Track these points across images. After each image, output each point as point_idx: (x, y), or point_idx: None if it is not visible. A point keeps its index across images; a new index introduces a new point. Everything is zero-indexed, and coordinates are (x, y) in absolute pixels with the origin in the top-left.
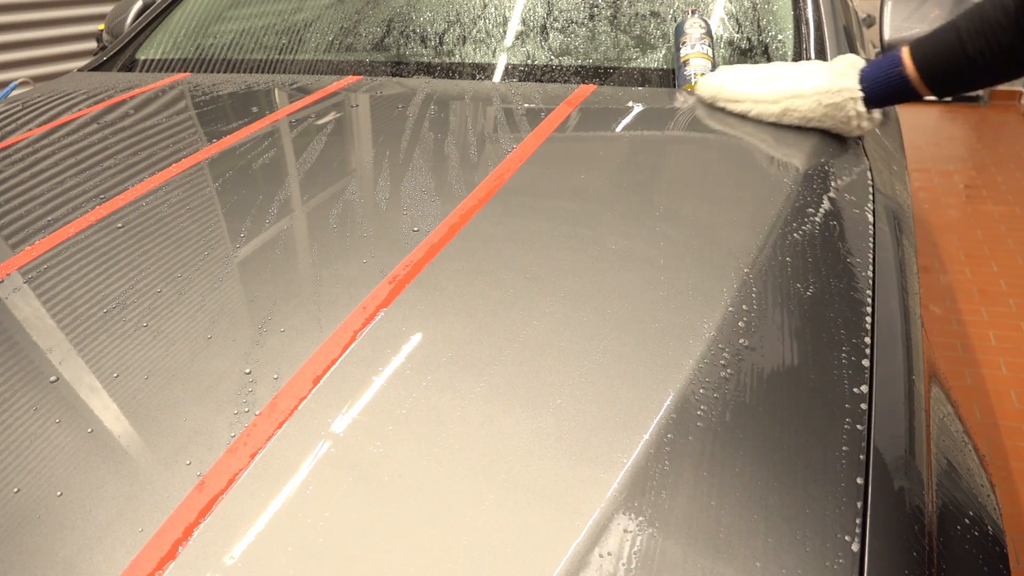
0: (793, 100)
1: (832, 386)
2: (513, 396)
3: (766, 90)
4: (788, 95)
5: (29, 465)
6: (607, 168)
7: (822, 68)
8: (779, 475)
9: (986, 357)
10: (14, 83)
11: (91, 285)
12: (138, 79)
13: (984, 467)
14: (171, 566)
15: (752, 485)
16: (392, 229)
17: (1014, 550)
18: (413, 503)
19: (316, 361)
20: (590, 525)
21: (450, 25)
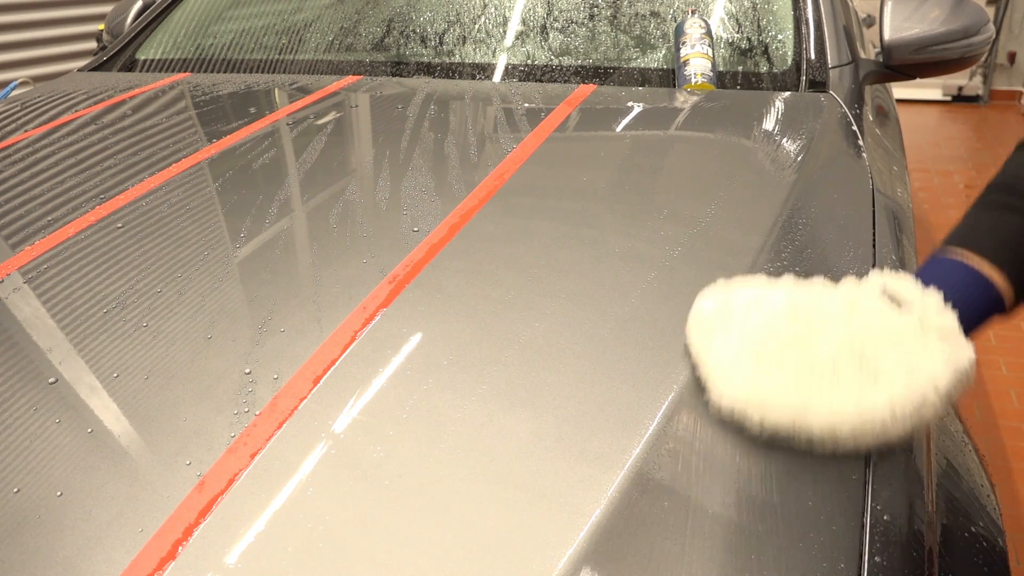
0: None
1: None
2: (513, 396)
3: None
4: None
5: (29, 465)
6: (607, 168)
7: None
8: (779, 475)
9: (986, 357)
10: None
11: (91, 285)
12: (138, 79)
13: (984, 467)
14: (171, 566)
15: (752, 485)
16: (392, 229)
17: (1014, 550)
18: (413, 503)
19: (316, 361)
20: (590, 525)
21: (450, 25)
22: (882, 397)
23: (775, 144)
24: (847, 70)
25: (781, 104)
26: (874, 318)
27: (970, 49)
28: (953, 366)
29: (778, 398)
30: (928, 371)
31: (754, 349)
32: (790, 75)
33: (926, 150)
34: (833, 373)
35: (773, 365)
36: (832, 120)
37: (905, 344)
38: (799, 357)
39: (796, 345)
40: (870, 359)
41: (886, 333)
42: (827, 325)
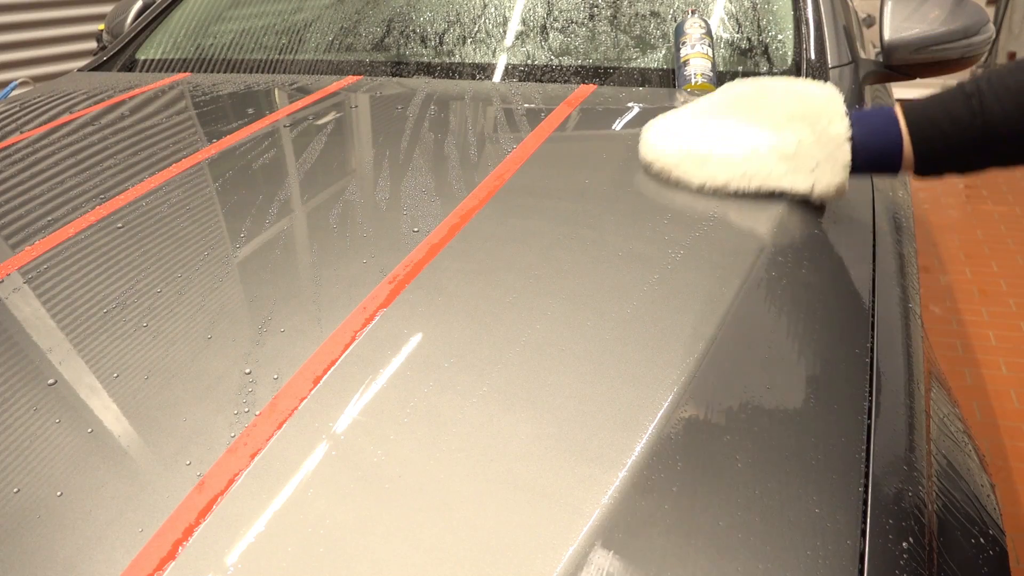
0: (754, 163)
1: (832, 386)
2: (513, 396)
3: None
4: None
5: (29, 465)
6: (607, 168)
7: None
8: (779, 475)
9: (986, 357)
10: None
11: (91, 285)
12: (138, 79)
13: (984, 467)
14: (171, 566)
15: (752, 485)
16: (392, 229)
17: (1014, 550)
18: (413, 503)
19: (316, 361)
20: (590, 525)
21: (450, 25)
22: (752, 165)
23: None
24: (847, 70)
25: None
26: (786, 106)
27: (970, 49)
28: (823, 169)
29: (687, 155)
30: (799, 163)
31: (681, 125)
32: (790, 75)
33: None
34: (731, 139)
35: (692, 134)
36: None
37: (798, 132)
38: (714, 128)
39: (715, 121)
40: (761, 135)
41: (789, 119)
42: (744, 105)
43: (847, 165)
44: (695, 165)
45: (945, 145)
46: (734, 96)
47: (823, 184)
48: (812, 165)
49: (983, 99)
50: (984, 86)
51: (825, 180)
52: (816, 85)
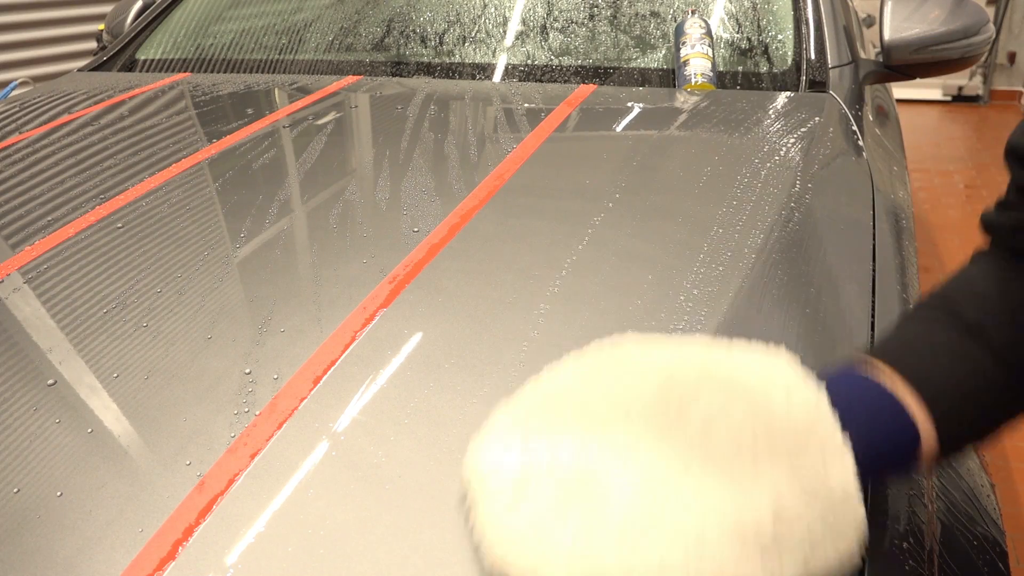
0: None
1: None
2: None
3: None
4: None
5: (29, 465)
6: (607, 168)
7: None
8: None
9: None
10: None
11: (91, 285)
12: (138, 79)
13: (984, 467)
14: (171, 566)
15: None
16: (392, 229)
17: (1014, 550)
18: (413, 503)
19: (316, 361)
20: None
21: (450, 25)
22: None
23: (775, 144)
24: (847, 70)
25: (781, 104)
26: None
27: (970, 49)
28: None
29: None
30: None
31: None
32: (790, 75)
33: (926, 150)
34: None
35: (547, 503)
36: (832, 120)
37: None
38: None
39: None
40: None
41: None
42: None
43: (862, 537)
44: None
45: (978, 411)
46: (645, 391)
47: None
48: (808, 538)
49: (1000, 331)
50: (981, 314)
51: (830, 566)
52: (796, 388)
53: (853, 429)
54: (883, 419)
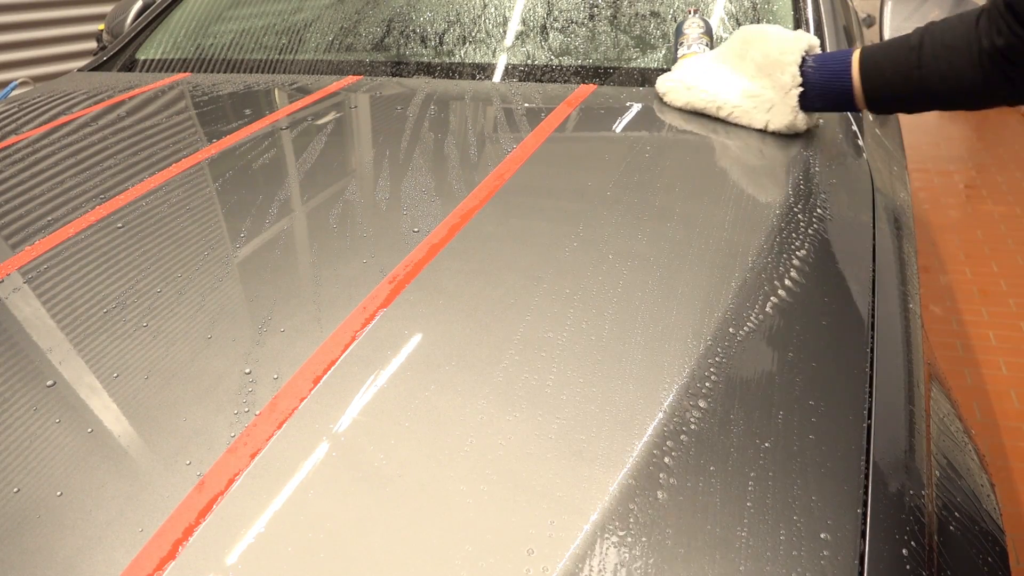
0: (724, 97)
1: (832, 386)
2: (513, 396)
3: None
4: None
5: (29, 465)
6: (607, 168)
7: (755, 61)
8: (779, 475)
9: (986, 357)
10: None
11: (91, 285)
12: (138, 79)
13: (984, 467)
14: (171, 566)
15: (752, 485)
16: (392, 229)
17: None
18: (413, 503)
19: (316, 361)
20: (590, 525)
21: (450, 25)
22: (723, 99)
23: (775, 144)
24: None
25: None
26: (757, 59)
27: None
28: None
29: (678, 84)
30: (759, 104)
31: (688, 67)
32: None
33: (926, 150)
34: (714, 79)
35: (689, 73)
36: (832, 120)
37: (761, 80)
38: (707, 70)
39: (713, 65)
40: (737, 80)
41: (758, 69)
42: (737, 53)
43: (795, 108)
44: (682, 92)
45: (890, 90)
46: (736, 43)
47: (775, 123)
48: (768, 107)
49: (922, 53)
50: (926, 40)
51: (777, 120)
52: (785, 39)
53: (819, 70)
54: (833, 68)
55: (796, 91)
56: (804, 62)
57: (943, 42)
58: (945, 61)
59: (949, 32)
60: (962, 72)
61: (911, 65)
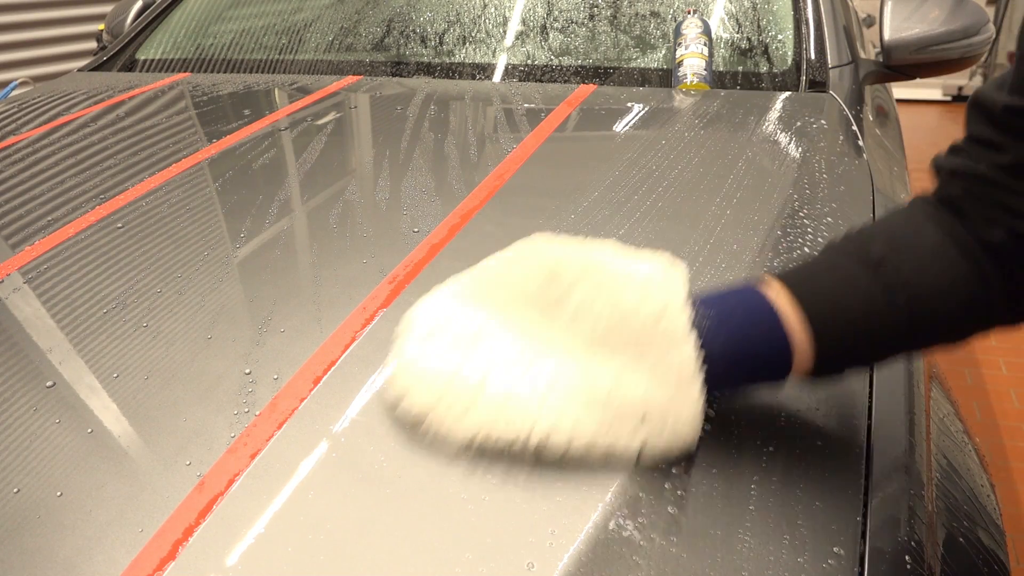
0: None
1: (832, 386)
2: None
3: None
4: None
5: (29, 465)
6: (607, 168)
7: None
8: (779, 476)
9: (986, 357)
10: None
11: (91, 285)
12: (138, 79)
13: (984, 467)
14: (171, 566)
15: (751, 486)
16: (392, 229)
17: (1014, 550)
18: (413, 504)
19: (316, 361)
20: (590, 525)
21: (450, 25)
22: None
23: (775, 144)
24: (847, 70)
25: (781, 104)
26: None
27: (970, 49)
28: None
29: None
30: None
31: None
32: (790, 75)
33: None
34: (513, 366)
35: (453, 351)
36: (832, 120)
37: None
38: (487, 342)
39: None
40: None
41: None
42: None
43: (697, 413)
44: (457, 403)
45: (857, 336)
46: (533, 275)
47: (657, 444)
48: (639, 413)
49: (898, 269)
50: (888, 249)
51: (660, 440)
52: (648, 281)
53: (727, 332)
54: (759, 327)
55: (698, 380)
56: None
57: (918, 246)
58: (938, 274)
59: (914, 232)
60: (968, 286)
61: (887, 288)
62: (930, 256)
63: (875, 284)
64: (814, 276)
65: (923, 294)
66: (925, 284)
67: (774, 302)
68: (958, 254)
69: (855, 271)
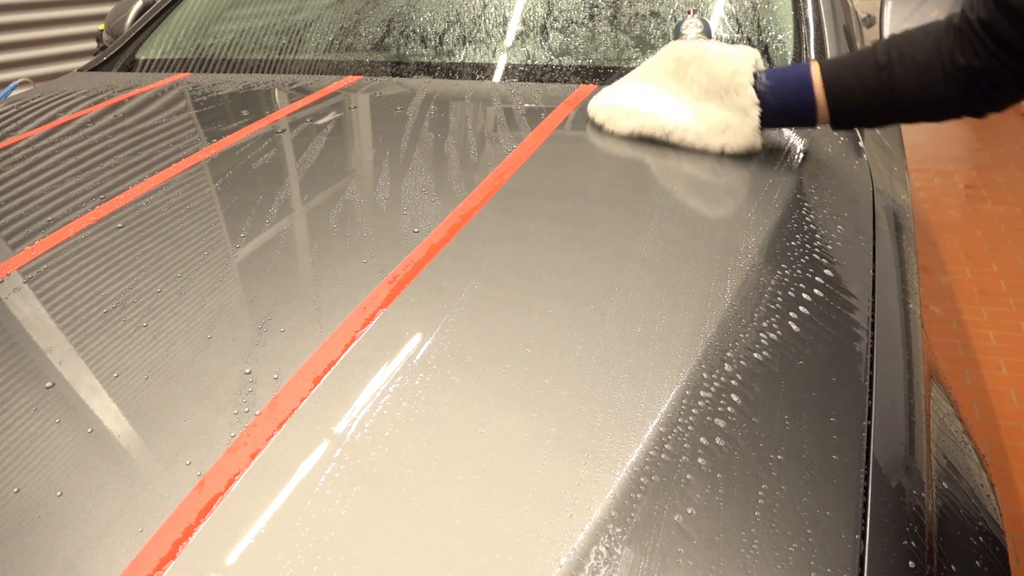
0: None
1: (832, 386)
2: (513, 396)
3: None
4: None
5: (29, 465)
6: (607, 168)
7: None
8: (779, 475)
9: (986, 357)
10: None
11: (91, 285)
12: (138, 79)
13: (984, 467)
14: (171, 566)
15: (752, 485)
16: (392, 229)
17: (1014, 550)
18: (413, 503)
19: (316, 361)
20: (590, 525)
21: (450, 25)
22: (673, 122)
23: (775, 144)
24: None
25: None
26: (703, 82)
27: None
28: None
29: (618, 108)
30: (713, 126)
31: (619, 90)
32: None
33: (926, 150)
34: (658, 101)
35: (626, 96)
36: None
37: (712, 103)
38: (644, 91)
39: (647, 86)
40: (684, 103)
41: (705, 93)
42: (673, 75)
43: (756, 129)
44: (623, 119)
45: (857, 108)
46: (669, 63)
47: (733, 144)
48: (722, 128)
49: (893, 72)
50: (895, 58)
51: (735, 142)
52: (732, 57)
53: (775, 86)
54: (797, 90)
55: (756, 111)
56: (756, 79)
57: (913, 60)
58: (917, 81)
59: (919, 50)
60: (935, 91)
61: (882, 85)
62: (919, 68)
63: (879, 78)
64: (843, 65)
65: (907, 89)
66: (910, 86)
67: (811, 75)
68: (937, 67)
69: (870, 67)
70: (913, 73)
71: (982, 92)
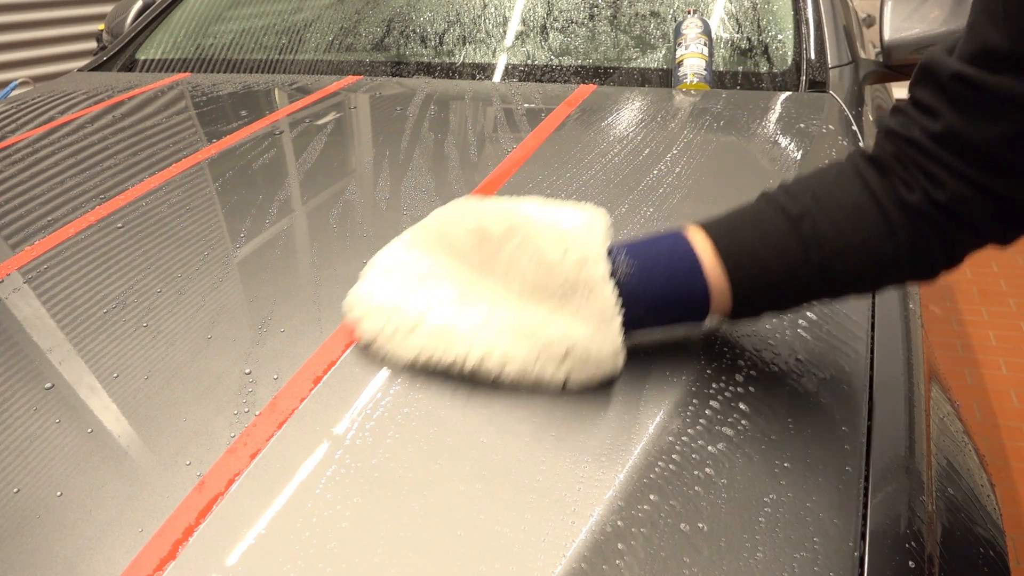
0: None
1: (832, 386)
2: (513, 396)
3: None
4: None
5: (29, 465)
6: (607, 168)
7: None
8: (779, 475)
9: (986, 357)
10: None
11: (91, 285)
12: (138, 79)
13: (984, 467)
14: (171, 567)
15: (752, 485)
16: (392, 229)
17: (1014, 550)
18: (413, 503)
19: (316, 361)
20: (590, 526)
21: (450, 25)
22: (480, 340)
23: (775, 144)
24: (847, 70)
25: (781, 104)
26: (527, 271)
27: None
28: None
29: (401, 329)
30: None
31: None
32: (790, 75)
33: None
34: (442, 301)
35: (404, 299)
36: (832, 120)
37: (543, 305)
38: (432, 287)
39: (436, 276)
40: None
41: (535, 282)
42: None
43: (618, 347)
44: (404, 331)
45: (773, 286)
46: (465, 235)
47: (581, 377)
48: (563, 350)
49: (816, 224)
50: (811, 205)
51: (583, 373)
52: (570, 236)
53: (649, 277)
54: (679, 273)
55: (618, 320)
56: (612, 262)
57: (839, 204)
58: (853, 232)
59: (841, 191)
60: (880, 245)
61: (805, 245)
62: (848, 214)
63: (793, 238)
64: (738, 226)
65: (836, 250)
66: (839, 241)
67: (696, 250)
68: (875, 213)
69: (778, 224)
70: (846, 224)
71: (940, 232)
